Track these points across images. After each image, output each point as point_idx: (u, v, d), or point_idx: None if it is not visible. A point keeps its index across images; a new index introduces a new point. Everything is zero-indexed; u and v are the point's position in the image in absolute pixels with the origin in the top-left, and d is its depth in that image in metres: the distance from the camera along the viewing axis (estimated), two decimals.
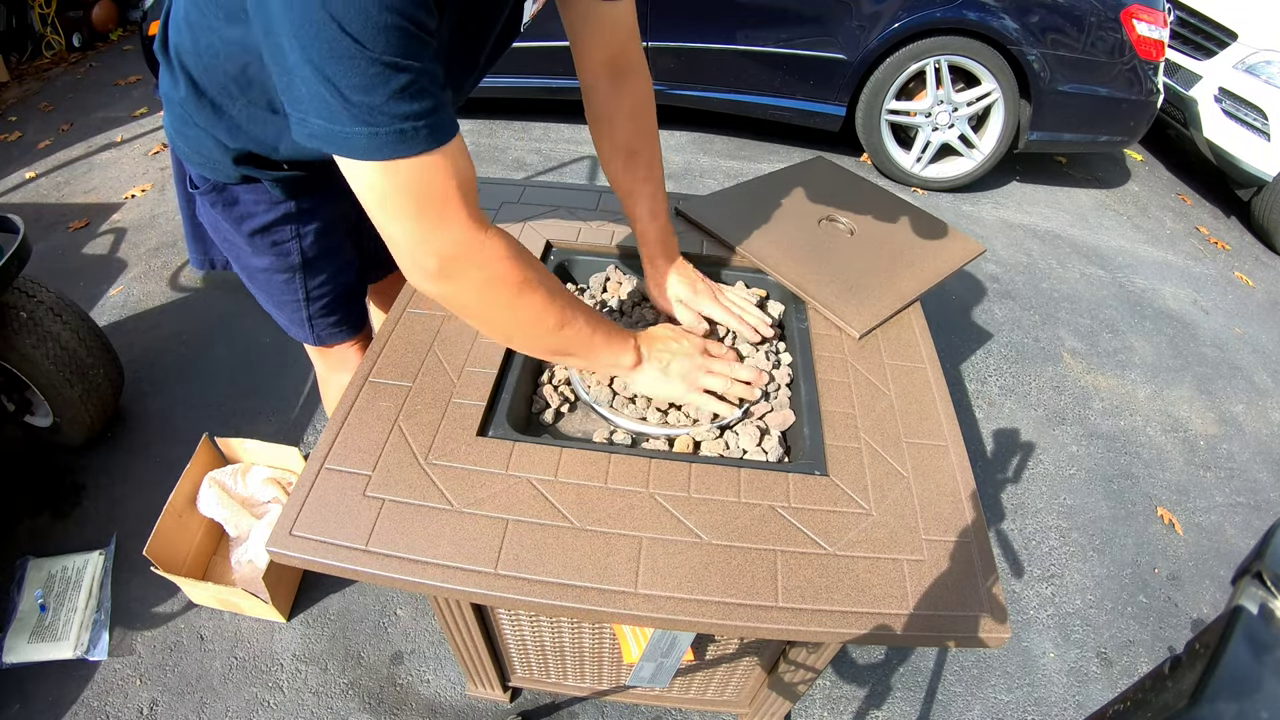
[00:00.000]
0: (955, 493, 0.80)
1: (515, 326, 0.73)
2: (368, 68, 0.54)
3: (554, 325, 0.74)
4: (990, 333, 2.39)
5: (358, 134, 0.57)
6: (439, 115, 0.61)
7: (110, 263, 2.44)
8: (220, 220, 0.96)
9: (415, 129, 0.58)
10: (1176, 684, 0.38)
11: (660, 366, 0.86)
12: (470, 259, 0.66)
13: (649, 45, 2.90)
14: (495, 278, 0.68)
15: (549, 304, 0.73)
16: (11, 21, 3.91)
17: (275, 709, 1.35)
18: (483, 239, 0.66)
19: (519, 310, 0.71)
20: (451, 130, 0.62)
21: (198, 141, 0.87)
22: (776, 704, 1.21)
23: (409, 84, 0.57)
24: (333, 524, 0.73)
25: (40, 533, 1.62)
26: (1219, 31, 3.09)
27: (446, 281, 0.67)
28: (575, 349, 0.79)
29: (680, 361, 0.87)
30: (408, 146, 0.59)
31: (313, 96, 0.56)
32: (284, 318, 1.08)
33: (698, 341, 0.90)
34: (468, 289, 0.68)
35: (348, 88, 0.55)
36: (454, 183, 0.63)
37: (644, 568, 0.71)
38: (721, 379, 0.87)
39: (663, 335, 0.89)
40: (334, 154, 0.60)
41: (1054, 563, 1.73)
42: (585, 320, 0.78)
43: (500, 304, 0.70)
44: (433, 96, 0.60)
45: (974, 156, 2.99)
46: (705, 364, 0.88)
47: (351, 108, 0.56)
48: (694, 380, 0.87)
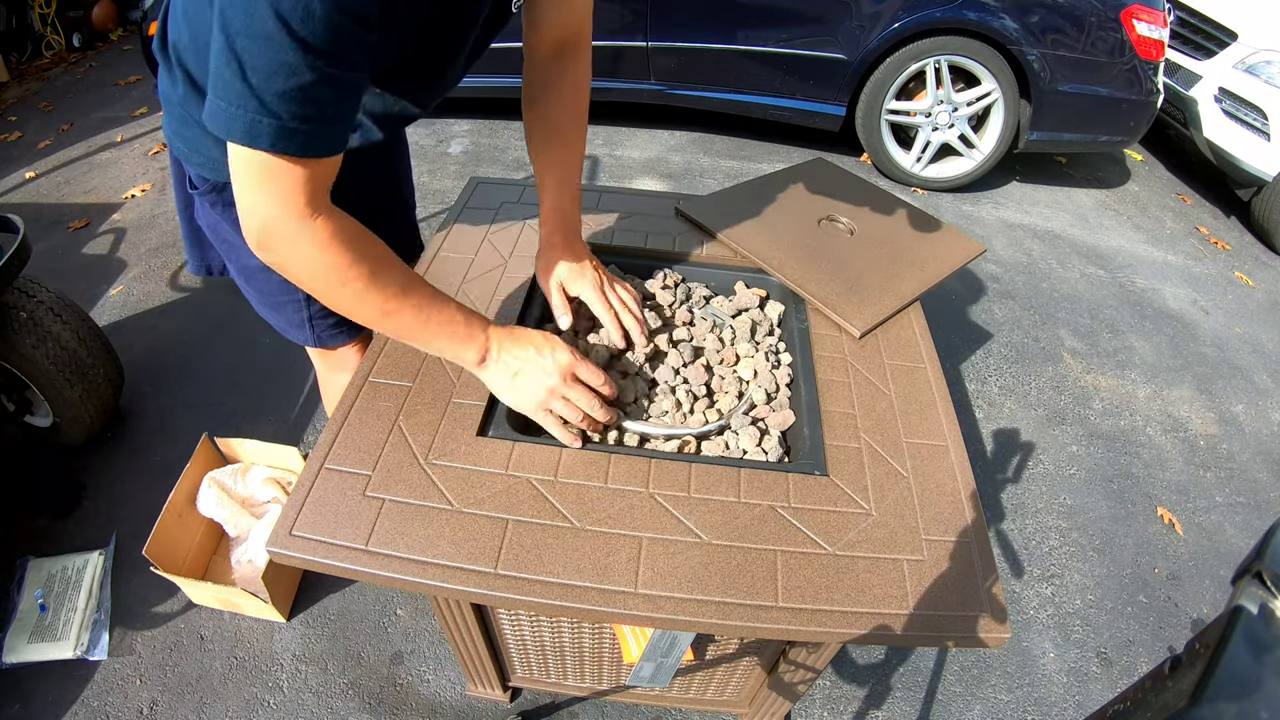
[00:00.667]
0: (955, 493, 0.80)
1: (339, 306, 0.74)
2: (278, 53, 0.54)
3: (377, 313, 0.74)
4: (990, 333, 2.39)
5: (241, 116, 0.57)
6: (330, 127, 0.61)
7: (110, 263, 2.44)
8: (219, 220, 0.96)
9: (296, 130, 0.58)
10: (1176, 684, 0.38)
11: (508, 372, 0.81)
12: (290, 239, 0.66)
13: (649, 45, 2.91)
14: (317, 262, 0.68)
15: (370, 292, 0.72)
16: (11, 21, 3.91)
17: (275, 709, 1.35)
18: (309, 226, 0.66)
19: (340, 293, 0.72)
20: (336, 144, 0.63)
21: (197, 141, 0.87)
22: (776, 704, 1.21)
23: (313, 84, 0.57)
24: (333, 524, 0.73)
25: (40, 533, 1.62)
26: (1219, 31, 3.09)
27: (266, 252, 0.68)
28: (407, 335, 0.78)
29: (532, 375, 0.80)
30: (281, 144, 0.59)
31: (216, 73, 0.56)
32: (283, 319, 1.08)
33: (564, 360, 0.81)
34: (289, 266, 0.69)
35: (251, 68, 0.54)
36: (304, 182, 0.63)
37: (644, 568, 0.71)
38: (573, 409, 0.81)
39: (524, 337, 0.82)
40: (216, 132, 0.59)
41: (1054, 563, 1.73)
42: (416, 312, 0.75)
43: (320, 285, 0.71)
44: (335, 106, 0.60)
45: (974, 156, 2.99)
46: (559, 388, 0.80)
47: (246, 88, 0.55)
48: (540, 399, 0.80)
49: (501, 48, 3.37)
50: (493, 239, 1.16)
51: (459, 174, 2.97)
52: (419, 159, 3.03)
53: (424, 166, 2.98)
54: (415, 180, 1.33)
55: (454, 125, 3.30)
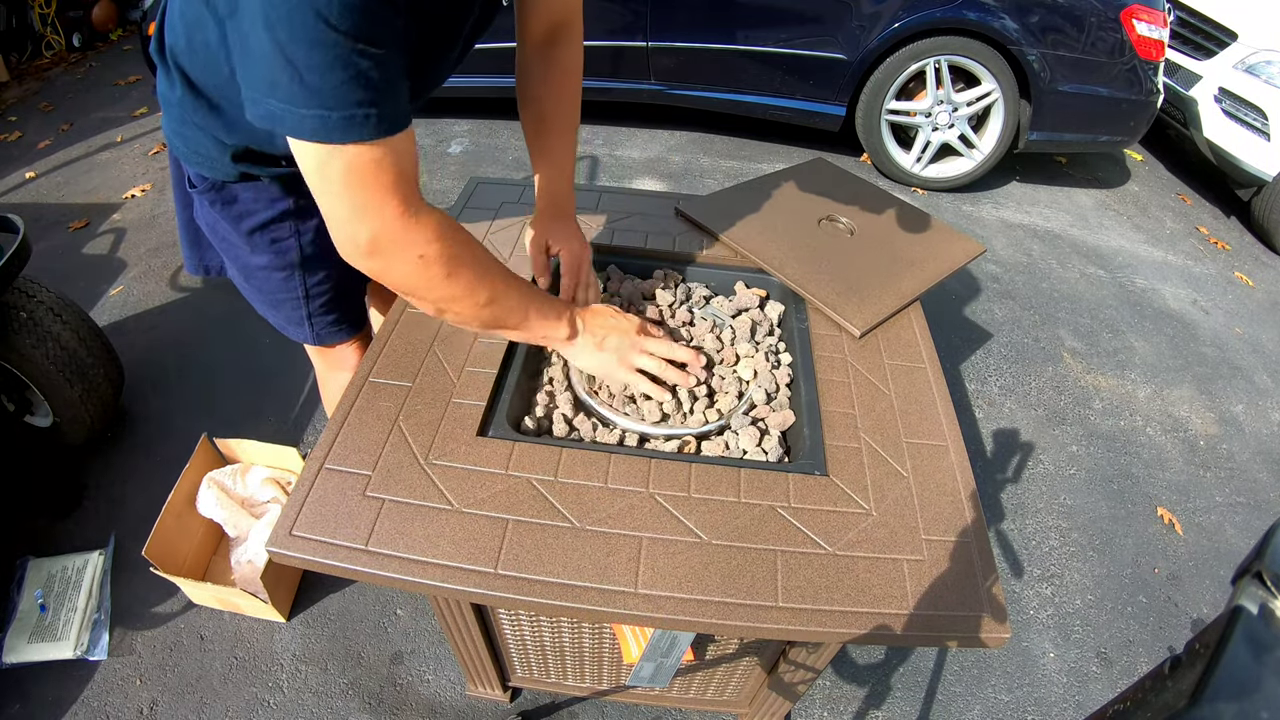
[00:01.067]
0: (955, 493, 0.80)
1: (446, 302, 0.75)
2: (329, 50, 0.56)
3: (484, 300, 0.77)
4: (990, 333, 2.39)
5: (309, 116, 0.58)
6: (391, 105, 0.62)
7: (110, 263, 2.44)
8: (218, 219, 0.96)
9: (366, 116, 0.60)
10: (1176, 684, 0.38)
11: (595, 340, 0.87)
12: (399, 241, 0.68)
13: (649, 45, 2.91)
14: (424, 258, 0.70)
15: (478, 281, 0.75)
16: (11, 21, 3.91)
17: (275, 709, 1.35)
18: (413, 223, 0.68)
19: (448, 288, 0.73)
20: (402, 122, 0.64)
21: (196, 141, 0.88)
22: (776, 704, 1.21)
23: (367, 70, 0.59)
24: (333, 524, 0.73)
25: (40, 533, 1.62)
26: (1219, 31, 3.09)
27: (375, 258, 0.69)
28: (509, 322, 0.81)
29: (616, 337, 0.87)
30: (355, 133, 0.60)
31: (269, 77, 0.58)
32: (282, 317, 1.08)
33: (635, 320, 0.90)
34: (397, 267, 0.70)
35: (306, 69, 0.56)
36: (393, 172, 0.65)
37: (644, 568, 0.71)
38: (655, 360, 0.88)
39: (602, 311, 0.90)
40: (284, 134, 0.61)
41: (1054, 563, 1.73)
42: (518, 295, 0.80)
43: (431, 280, 0.72)
44: (388, 87, 0.61)
45: (974, 156, 2.99)
46: (640, 342, 0.88)
47: (306, 89, 0.57)
48: (628, 357, 0.87)
49: (502, 48, 3.36)
50: (493, 239, 1.16)
51: (459, 174, 2.97)
52: (419, 159, 3.03)
53: (424, 166, 2.98)
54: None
55: (454, 125, 3.30)
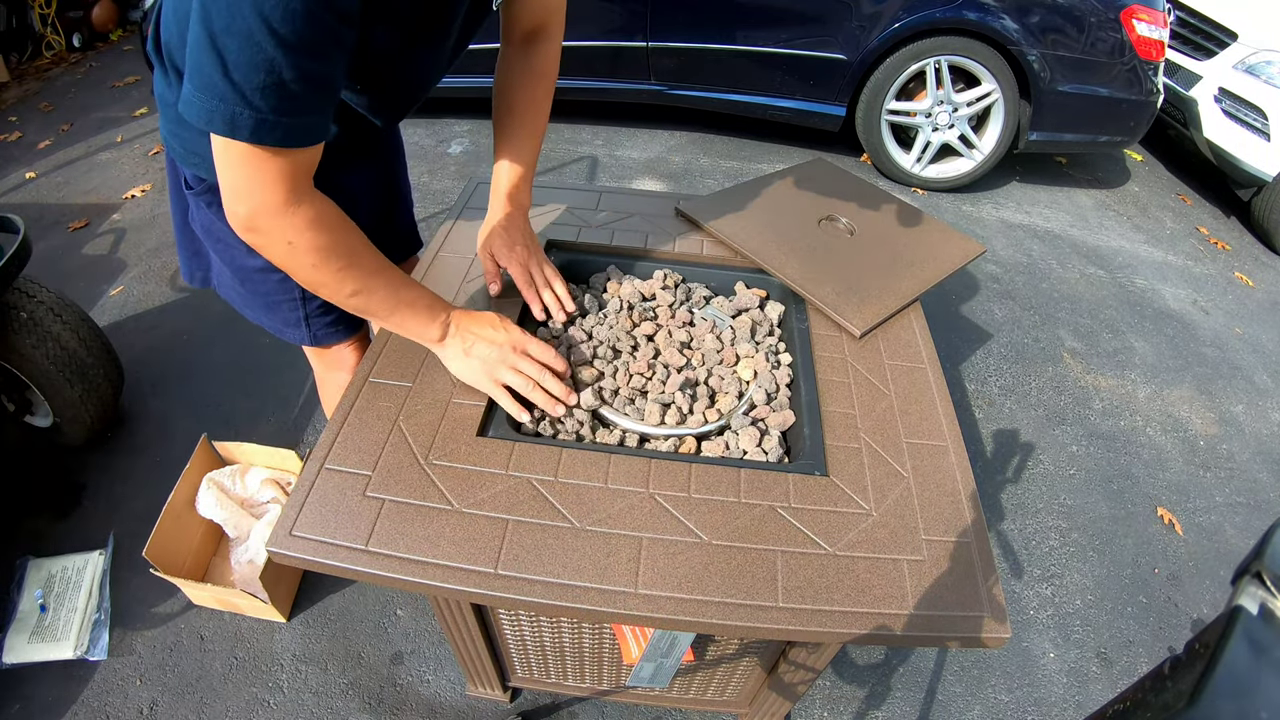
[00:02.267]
0: (955, 493, 0.80)
1: (312, 286, 0.78)
2: (260, 51, 0.57)
3: (349, 291, 0.79)
4: (990, 333, 2.39)
5: (220, 109, 0.60)
6: (306, 118, 0.64)
7: (110, 263, 2.44)
8: (215, 220, 0.96)
9: (276, 124, 0.62)
10: (1176, 684, 0.38)
11: (464, 346, 0.86)
12: (271, 225, 0.70)
13: (649, 45, 2.91)
14: (293, 245, 0.72)
15: (345, 272, 0.77)
16: (11, 21, 3.91)
17: (275, 709, 1.35)
18: (289, 212, 0.70)
19: (314, 274, 0.76)
20: (314, 137, 0.66)
21: (193, 141, 0.87)
22: (776, 704, 1.21)
23: (291, 81, 0.60)
24: (333, 524, 0.73)
25: (40, 533, 1.62)
26: (1219, 31, 3.09)
27: (250, 234, 0.72)
28: (375, 313, 0.83)
29: (485, 347, 0.86)
30: (259, 136, 0.62)
31: (196, 66, 0.58)
32: (279, 319, 1.08)
33: (516, 336, 0.88)
34: (271, 247, 0.73)
35: (234, 64, 0.57)
36: (287, 170, 0.67)
37: (644, 568, 0.71)
38: (522, 379, 0.86)
39: (480, 318, 0.88)
40: (192, 121, 0.62)
41: (1054, 563, 1.73)
42: (388, 291, 0.81)
43: (298, 265, 0.75)
44: (310, 99, 0.63)
45: (974, 156, 2.99)
46: (511, 358, 0.86)
47: (227, 83, 0.58)
48: (494, 370, 0.86)
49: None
50: None
51: (459, 174, 2.97)
52: (419, 159, 3.03)
53: (424, 166, 2.98)
54: (415, 181, 1.33)
55: (454, 125, 3.30)
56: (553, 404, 0.86)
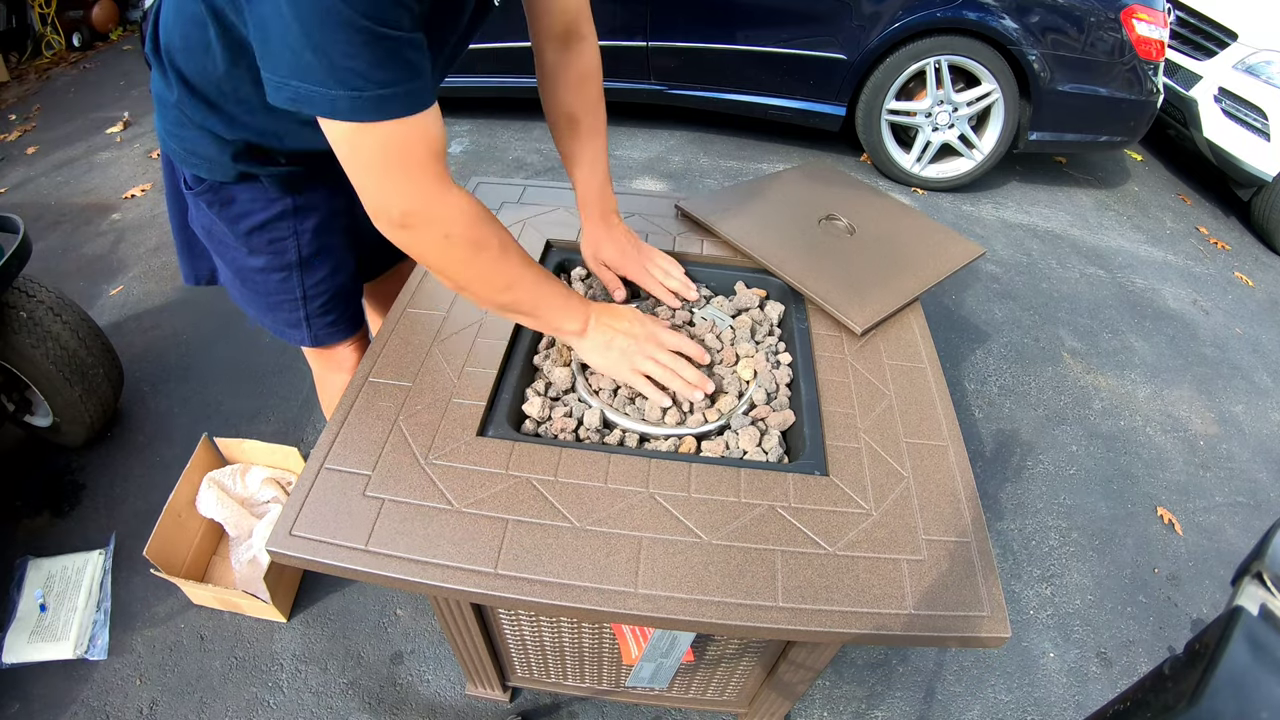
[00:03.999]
0: (955, 493, 0.80)
1: (467, 280, 0.78)
2: (354, 34, 0.58)
3: (503, 285, 0.79)
4: (990, 333, 2.39)
5: (340, 96, 0.61)
6: (417, 82, 0.64)
7: (110, 263, 2.44)
8: (215, 221, 0.96)
9: (394, 95, 0.62)
10: (1176, 684, 0.38)
11: (604, 338, 0.87)
12: (429, 215, 0.71)
13: (649, 45, 2.90)
14: (452, 235, 0.73)
15: (500, 264, 0.77)
16: (11, 21, 3.92)
17: (275, 709, 1.35)
18: (444, 199, 0.71)
19: (471, 267, 0.76)
20: (428, 98, 0.66)
21: (193, 141, 0.87)
22: (776, 704, 1.21)
23: (391, 51, 0.61)
24: (333, 524, 0.73)
25: (40, 533, 1.62)
26: (1219, 31, 3.09)
27: (406, 231, 0.72)
28: (523, 308, 0.83)
29: (625, 340, 0.87)
30: (385, 111, 0.63)
31: (296, 60, 0.59)
32: (280, 320, 1.07)
33: (651, 327, 0.90)
34: (425, 241, 0.73)
35: (335, 53, 0.58)
36: (423, 147, 0.67)
37: (644, 568, 0.71)
38: (661, 368, 0.88)
39: (618, 311, 0.90)
40: (313, 114, 0.63)
41: (1054, 563, 1.73)
42: (536, 284, 0.82)
43: (454, 259, 0.75)
44: (412, 65, 0.64)
45: (974, 156, 2.99)
46: (650, 350, 0.88)
47: (336, 71, 0.59)
48: (634, 360, 0.87)
49: (501, 48, 3.37)
50: None
51: (459, 174, 2.97)
52: None
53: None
54: None
55: (454, 125, 3.30)
56: (690, 389, 0.88)
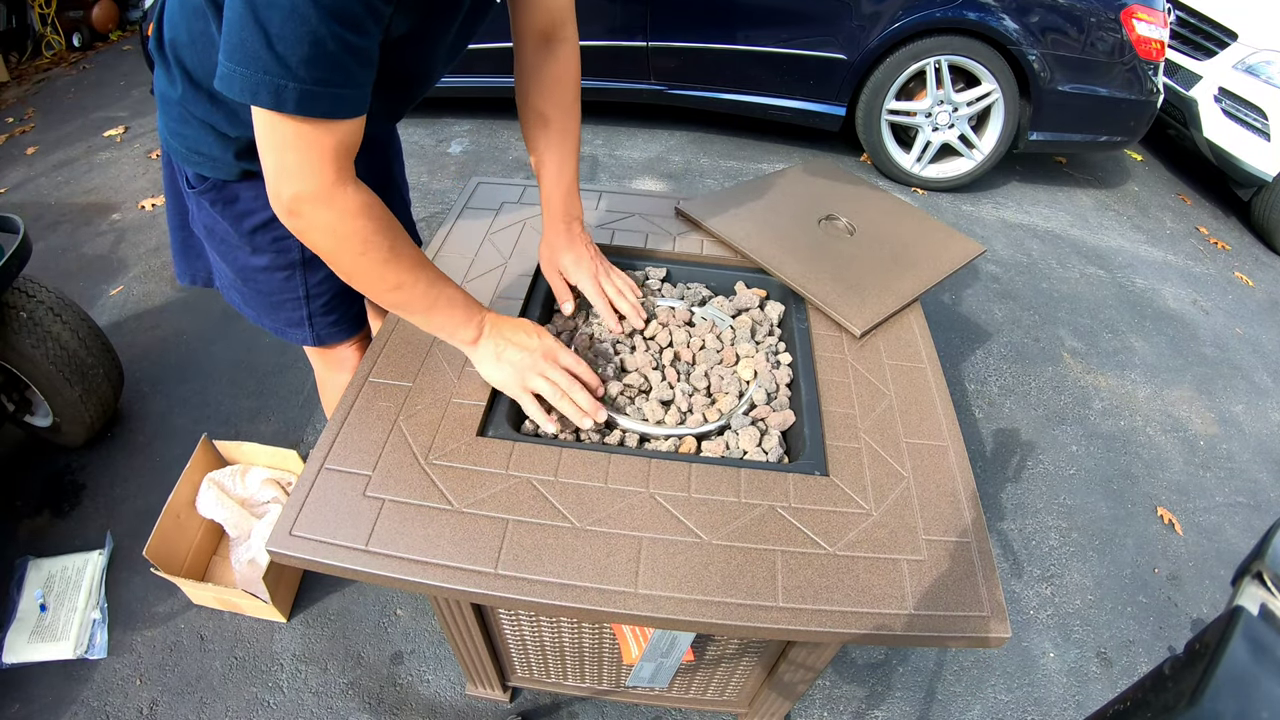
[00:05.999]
0: (955, 493, 0.80)
1: (354, 276, 0.78)
2: (305, 24, 0.58)
3: (391, 286, 0.78)
4: (990, 333, 2.39)
5: (265, 82, 0.60)
6: (349, 89, 0.65)
7: (110, 263, 2.44)
8: (218, 220, 0.96)
9: (322, 94, 0.62)
10: (1176, 684, 0.38)
11: (496, 349, 0.85)
12: (320, 207, 0.70)
13: (649, 45, 2.91)
14: (340, 231, 0.72)
15: (389, 264, 0.77)
16: (11, 21, 3.92)
17: (275, 709, 1.35)
18: (336, 197, 0.70)
19: (358, 263, 0.76)
20: (357, 107, 0.67)
21: (196, 139, 0.87)
22: (776, 704, 1.21)
23: (336, 52, 0.61)
24: (333, 524, 0.73)
25: (40, 533, 1.62)
26: (1219, 31, 3.09)
27: (294, 219, 0.72)
28: (413, 309, 0.82)
29: (516, 353, 0.85)
30: (308, 107, 0.63)
31: (240, 41, 0.59)
32: (282, 319, 1.07)
33: (549, 344, 0.87)
34: (313, 231, 0.73)
35: (278, 37, 0.58)
36: (333, 147, 0.67)
37: (644, 568, 0.71)
38: (552, 387, 0.85)
39: (516, 324, 0.88)
40: (237, 98, 0.63)
41: (1054, 563, 1.73)
42: (429, 287, 0.81)
43: (342, 254, 0.75)
44: (353, 71, 0.64)
45: (974, 156, 2.99)
46: (542, 365, 0.85)
47: (272, 56, 0.59)
48: (525, 377, 0.85)
49: (501, 48, 3.37)
50: (493, 238, 1.16)
51: (459, 174, 2.96)
52: (418, 159, 3.03)
53: (424, 166, 2.98)
54: (415, 181, 1.32)
55: (454, 125, 3.30)
56: (580, 415, 0.85)
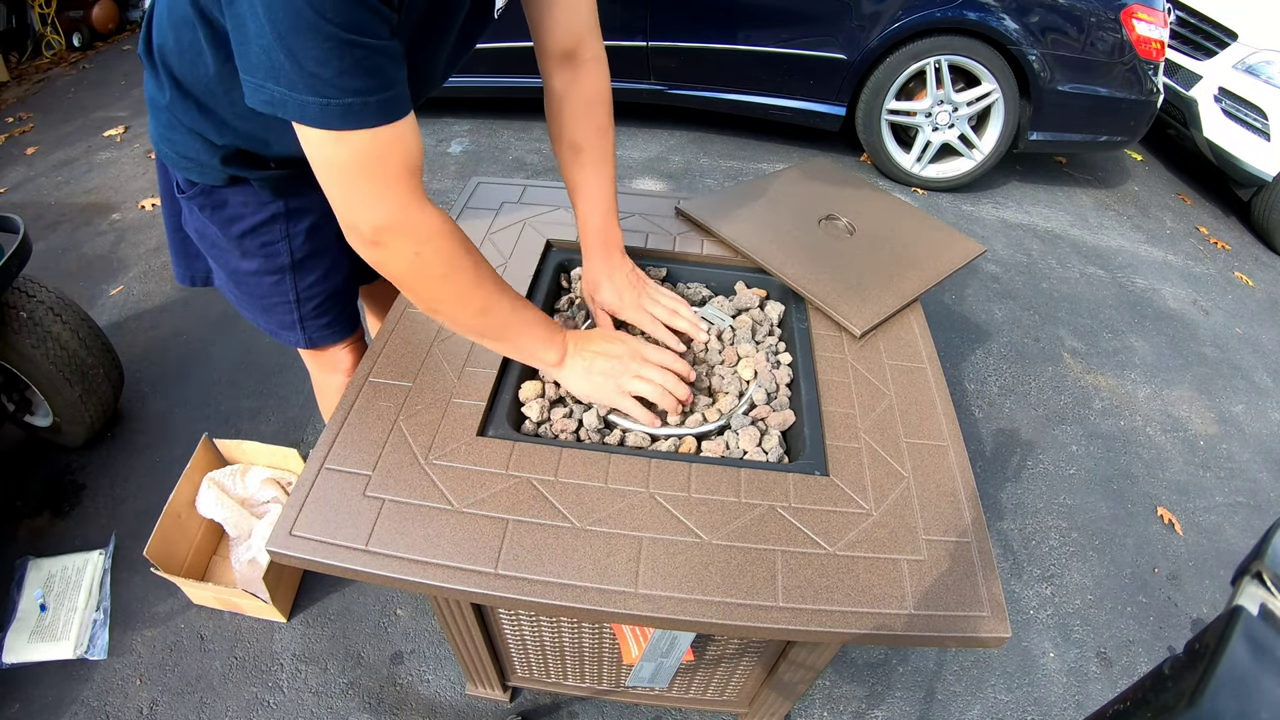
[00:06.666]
0: (955, 493, 0.80)
1: (440, 302, 0.76)
2: (324, 41, 0.57)
3: (476, 310, 0.77)
4: (990, 333, 2.39)
5: (311, 102, 0.60)
6: (390, 92, 0.63)
7: (110, 263, 2.44)
8: (207, 224, 0.95)
9: (365, 104, 0.61)
10: (1176, 684, 0.38)
11: (584, 364, 0.85)
12: (402, 232, 0.69)
13: (649, 45, 2.91)
14: (424, 253, 0.71)
15: (474, 288, 0.75)
16: (11, 21, 3.92)
17: (275, 709, 1.35)
18: (418, 216, 0.69)
19: (443, 289, 0.74)
20: (401, 109, 0.65)
21: (184, 145, 0.87)
22: (776, 704, 1.21)
23: (362, 60, 0.60)
24: (333, 524, 0.73)
25: (40, 533, 1.62)
26: (1219, 31, 3.09)
27: (377, 249, 0.70)
28: (498, 334, 0.81)
29: (605, 362, 0.85)
30: (355, 120, 0.62)
31: (271, 63, 0.59)
32: (274, 322, 1.07)
33: (632, 344, 0.87)
34: (397, 260, 0.71)
35: (305, 57, 0.58)
36: (397, 159, 0.66)
37: (644, 568, 0.71)
38: (650, 384, 0.85)
39: (594, 336, 0.88)
40: (287, 118, 0.62)
41: (1054, 563, 1.73)
42: (512, 310, 0.80)
43: (427, 280, 0.73)
44: (384, 74, 0.62)
45: (974, 156, 2.99)
46: (635, 368, 0.85)
47: (305, 77, 0.58)
48: (620, 381, 0.85)
49: (501, 48, 3.38)
50: (493, 239, 1.16)
51: (459, 174, 2.97)
52: None
53: (424, 166, 2.98)
54: None
55: (454, 125, 3.30)
56: (678, 407, 0.86)
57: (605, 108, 0.95)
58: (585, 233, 0.99)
